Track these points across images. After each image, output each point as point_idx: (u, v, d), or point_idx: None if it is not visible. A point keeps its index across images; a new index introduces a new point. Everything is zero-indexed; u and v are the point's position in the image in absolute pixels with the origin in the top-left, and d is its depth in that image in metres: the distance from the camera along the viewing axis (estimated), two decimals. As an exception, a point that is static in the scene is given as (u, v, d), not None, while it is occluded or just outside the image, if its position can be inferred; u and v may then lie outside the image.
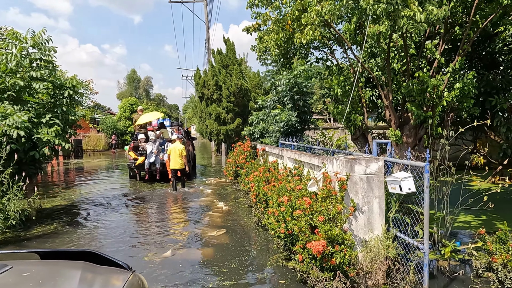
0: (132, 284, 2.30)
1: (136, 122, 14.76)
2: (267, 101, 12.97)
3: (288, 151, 8.36)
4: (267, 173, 8.64)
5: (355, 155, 5.51)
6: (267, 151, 10.89)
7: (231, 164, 13.27)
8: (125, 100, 43.73)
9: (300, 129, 12.35)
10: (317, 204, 5.17)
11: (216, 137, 15.71)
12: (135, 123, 14.83)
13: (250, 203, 9.84)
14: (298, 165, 7.54)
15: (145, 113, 15.76)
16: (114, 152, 33.54)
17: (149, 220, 8.72)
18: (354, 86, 5.19)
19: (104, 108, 74.88)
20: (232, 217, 8.81)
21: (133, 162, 13.98)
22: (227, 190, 12.64)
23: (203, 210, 9.63)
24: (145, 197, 11.49)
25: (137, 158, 13.90)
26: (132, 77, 64.63)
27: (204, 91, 15.86)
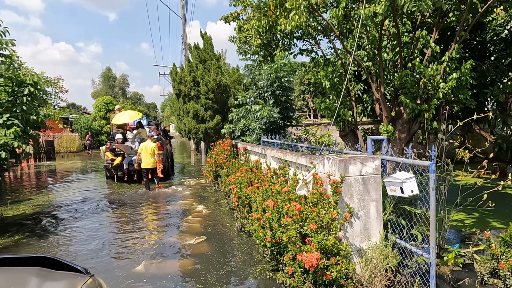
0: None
1: (113, 121, 14.31)
2: (247, 97, 12.38)
3: (271, 150, 7.79)
4: (250, 173, 8.04)
5: (348, 154, 4.97)
6: (249, 149, 10.29)
7: (210, 164, 12.61)
8: (100, 99, 42.27)
9: (282, 126, 11.82)
10: (307, 209, 4.61)
11: (194, 135, 15.01)
12: (112, 122, 14.41)
13: (232, 205, 9.23)
14: (283, 165, 6.98)
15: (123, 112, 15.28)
16: (89, 153, 32.26)
17: (123, 227, 7.99)
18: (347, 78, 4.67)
19: (80, 107, 72.59)
20: (213, 222, 8.18)
21: (110, 163, 13.56)
22: (207, 191, 11.98)
23: (181, 215, 8.96)
24: (120, 200, 10.71)
25: (114, 159, 13.48)
26: (107, 75, 62.67)
27: (181, 88, 15.11)
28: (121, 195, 11.59)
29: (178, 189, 12.50)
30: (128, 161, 13.42)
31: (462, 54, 6.07)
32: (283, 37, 6.84)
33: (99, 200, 10.88)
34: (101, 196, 11.52)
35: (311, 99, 46.89)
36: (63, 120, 39.66)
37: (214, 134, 14.25)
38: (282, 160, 7.07)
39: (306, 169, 5.97)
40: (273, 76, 11.52)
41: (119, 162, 13.42)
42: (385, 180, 4.30)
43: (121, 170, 13.61)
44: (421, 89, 5.56)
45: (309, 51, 7.25)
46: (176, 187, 12.97)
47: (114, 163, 13.40)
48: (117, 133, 13.83)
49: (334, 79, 5.94)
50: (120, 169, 13.56)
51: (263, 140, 10.77)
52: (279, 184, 6.48)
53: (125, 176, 13.53)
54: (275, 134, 11.24)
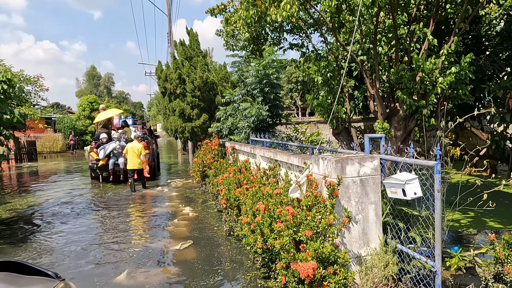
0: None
1: (95, 120, 14.17)
2: (235, 95, 12.01)
3: (261, 149, 7.44)
4: (238, 174, 7.68)
5: (344, 153, 4.65)
6: (237, 149, 9.93)
7: (198, 164, 12.20)
8: (84, 98, 41.30)
9: (271, 124, 11.51)
10: (301, 213, 4.28)
11: (181, 135, 14.57)
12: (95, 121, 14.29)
13: (220, 207, 8.86)
14: (274, 165, 6.64)
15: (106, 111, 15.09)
16: (73, 153, 31.44)
17: (105, 231, 7.55)
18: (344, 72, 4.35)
19: (64, 107, 71.10)
20: (200, 225, 7.80)
21: (95, 163, 13.38)
22: (195, 192, 11.58)
23: (167, 218, 8.55)
24: (103, 202, 10.24)
25: (99, 159, 13.24)
26: (91, 73, 61.35)
27: (167, 86, 14.63)
28: (105, 197, 11.11)
29: (165, 190, 12.07)
30: (113, 162, 13.17)
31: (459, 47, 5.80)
32: (272, 30, 6.49)
33: (81, 203, 10.39)
34: (84, 198, 11.02)
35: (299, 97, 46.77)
36: (45, 120, 38.69)
37: (201, 133, 13.84)
38: (272, 160, 6.73)
39: (298, 170, 5.64)
40: (262, 72, 11.18)
41: (105, 163, 13.22)
42: (385, 181, 3.99)
43: (107, 171, 13.39)
44: (419, 84, 5.27)
45: (299, 45, 6.91)
46: (162, 188, 12.54)
47: (100, 163, 13.18)
48: (101, 133, 13.63)
49: (327, 74, 5.62)
50: (106, 169, 13.34)
51: (252, 139, 10.43)
52: (270, 185, 6.14)
53: (111, 177, 13.36)
54: (264, 133, 10.91)
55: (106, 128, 14.26)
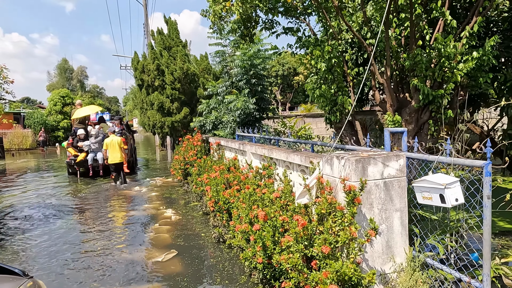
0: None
1: (73, 116, 13.97)
2: (218, 87, 11.19)
3: (252, 146, 6.69)
4: (227, 173, 6.91)
5: (359, 150, 3.95)
6: (223, 145, 9.14)
7: (179, 161, 11.34)
8: (55, 92, 39.40)
9: (258, 118, 10.75)
10: (312, 224, 3.57)
11: (160, 130, 13.64)
12: (73, 117, 14.17)
13: (205, 209, 8.07)
14: (268, 163, 5.91)
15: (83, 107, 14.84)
16: (43, 150, 29.76)
17: (77, 239, 6.63)
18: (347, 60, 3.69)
19: (35, 102, 68.10)
20: (185, 231, 6.99)
21: (73, 159, 13.30)
22: (176, 192, 10.72)
23: (147, 222, 7.70)
24: (76, 205, 9.26)
25: (77, 155, 13.23)
26: (63, 67, 58.69)
27: (144, 77, 13.64)
28: (78, 198, 10.12)
29: (143, 190, 11.16)
30: (92, 157, 13.09)
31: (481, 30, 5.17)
32: (265, 11, 5.71)
33: (52, 205, 9.37)
34: (55, 200, 9.98)
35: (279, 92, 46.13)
36: (14, 115, 36.67)
37: (182, 128, 12.95)
38: (266, 158, 5.99)
39: (299, 169, 4.92)
40: (248, 63, 10.40)
41: (83, 158, 13.10)
42: (416, 184, 3.31)
43: (85, 166, 13.24)
44: (437, 71, 4.63)
45: (294, 30, 6.17)
46: (141, 187, 11.62)
47: (78, 159, 13.06)
48: (79, 129, 13.54)
49: (331, 60, 4.92)
50: (84, 165, 13.20)
51: (238, 134, 9.66)
52: (266, 187, 5.40)
53: (90, 172, 13.20)
54: (250, 127, 10.16)
55: (83, 124, 14.03)
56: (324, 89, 5.12)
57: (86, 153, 13.23)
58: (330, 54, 4.87)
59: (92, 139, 13.29)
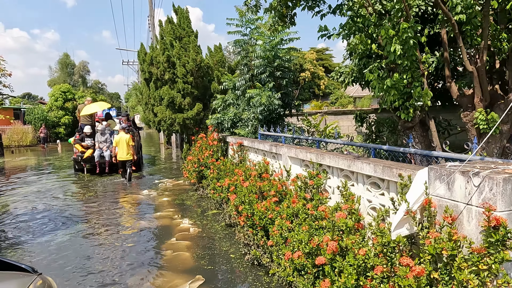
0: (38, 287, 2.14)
1: (81, 113, 13.83)
2: (236, 80, 10.06)
3: (291, 148, 5.57)
4: (260, 181, 5.81)
5: (494, 163, 2.83)
6: (246, 146, 8.04)
7: (192, 162, 10.25)
8: (56, 87, 38.29)
9: (281, 116, 9.64)
10: (424, 268, 2.46)
11: (169, 127, 12.55)
12: (79, 114, 14.09)
13: (228, 220, 6.99)
14: (317, 171, 4.81)
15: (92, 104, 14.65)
16: (44, 147, 28.68)
17: (78, 260, 5.55)
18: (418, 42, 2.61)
19: (36, 98, 67.00)
20: (208, 248, 5.90)
21: (80, 155, 13.21)
22: (190, 197, 9.63)
23: (161, 236, 6.62)
24: (79, 213, 8.18)
25: (84, 151, 13.15)
26: (65, 62, 57.45)
27: (152, 70, 12.52)
28: (81, 205, 9.03)
29: (152, 194, 10.08)
30: (99, 154, 13.06)
31: None
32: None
33: (51, 212, 8.29)
34: (56, 205, 8.90)
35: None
36: (14, 111, 35.65)
37: (194, 126, 11.85)
38: (314, 164, 4.88)
39: (368, 182, 3.82)
40: (272, 53, 9.28)
41: (90, 155, 13.02)
42: None
43: (92, 163, 13.16)
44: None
45: (347, 7, 5.04)
46: (150, 191, 10.53)
47: (85, 156, 12.97)
48: (85, 125, 13.46)
49: (410, 40, 3.81)
50: (91, 161, 13.13)
51: (261, 133, 8.56)
52: (322, 203, 4.31)
53: (97, 169, 13.20)
54: (274, 125, 9.06)
55: (90, 120, 13.94)
56: (396, 79, 4.02)
57: (93, 149, 13.10)
58: (408, 33, 3.77)
59: (98, 136, 13.22)
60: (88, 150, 13.22)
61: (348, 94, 52.11)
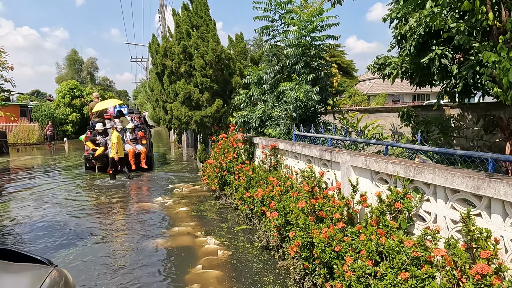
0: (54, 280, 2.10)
1: (94, 109, 13.51)
2: (264, 73, 8.74)
3: (357, 156, 4.23)
4: (312, 199, 4.50)
5: None
6: (282, 149, 6.73)
7: (213, 166, 8.98)
8: (63, 84, 37.32)
9: (317, 113, 8.33)
10: None
11: (185, 125, 11.31)
12: (91, 111, 13.73)
13: (265, 242, 5.69)
14: (405, 189, 3.48)
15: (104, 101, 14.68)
16: (51, 145, 27.62)
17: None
18: None
19: (45, 95, 66.27)
20: (245, 283, 4.61)
21: (92, 153, 12.97)
22: (211, 208, 8.35)
23: (183, 261, 5.34)
24: (86, 229, 6.95)
25: (95, 149, 12.88)
26: (73, 58, 56.47)
27: (166, 63, 11.26)
28: (86, 217, 7.81)
29: (168, 202, 8.83)
30: None
31: None
32: None
33: (54, 227, 7.07)
34: (58, 220, 7.69)
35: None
36: (20, 108, 34.75)
37: (213, 124, 10.58)
38: (400, 180, 3.55)
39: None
40: (308, 40, 7.97)
41: (102, 153, 12.71)
42: None
43: (103, 161, 12.88)
44: None
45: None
46: (164, 198, 9.29)
47: (96, 154, 12.72)
48: (97, 122, 13.21)
49: None
50: (102, 159, 12.84)
51: (297, 133, 7.26)
52: (435, 241, 3.01)
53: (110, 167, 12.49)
54: (309, 124, 7.77)
55: (101, 117, 13.73)
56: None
57: (105, 147, 12.74)
58: None
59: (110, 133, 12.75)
60: (100, 148, 12.88)
61: (361, 92, 50.60)
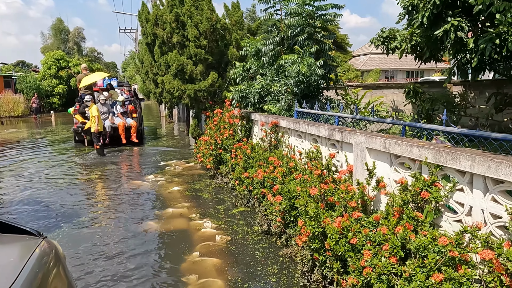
0: (44, 251, 2.05)
1: (81, 84, 12.93)
2: (262, 44, 8.16)
3: (374, 137, 3.80)
4: (323, 183, 4.09)
5: None
6: (284, 127, 6.27)
7: (208, 143, 8.52)
8: (49, 54, 35.91)
9: (320, 89, 7.85)
10: None
11: (177, 100, 10.74)
12: (79, 84, 13.16)
13: (265, 226, 5.32)
14: (433, 177, 3.08)
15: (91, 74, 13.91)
16: (37, 118, 26.71)
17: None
18: None
19: (30, 66, 64.12)
20: (247, 272, 4.25)
21: (81, 126, 12.59)
22: (206, 187, 7.95)
23: (178, 248, 4.95)
24: (73, 209, 6.50)
25: (85, 122, 12.46)
26: (58, 27, 54.23)
27: (158, 32, 10.54)
28: (74, 195, 7.34)
29: (160, 181, 8.40)
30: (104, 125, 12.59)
31: None
32: None
33: (37, 208, 6.60)
34: (43, 199, 7.21)
35: None
36: (4, 79, 33.49)
37: (207, 99, 10.03)
38: (427, 166, 3.13)
39: None
40: (312, 9, 7.39)
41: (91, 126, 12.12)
42: None
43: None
44: None
45: None
46: (155, 175, 8.84)
47: (86, 127, 12.18)
48: (86, 95, 12.68)
49: None
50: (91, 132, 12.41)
51: (298, 110, 6.81)
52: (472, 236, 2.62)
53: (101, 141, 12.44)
54: (311, 101, 7.32)
55: (90, 90, 13.10)
56: None
57: None
58: None
59: (100, 106, 12.66)
60: (89, 121, 12.38)
61: (355, 68, 49.87)
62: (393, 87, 10.94)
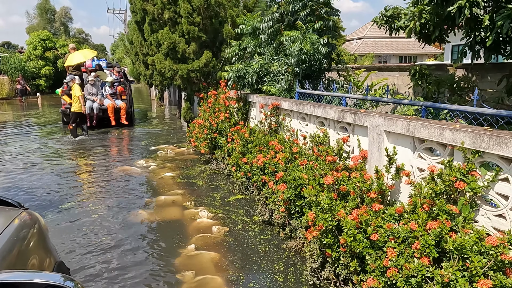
0: (24, 222, 2.08)
1: (67, 62, 12.60)
2: (260, 21, 7.63)
3: (394, 119, 3.36)
4: (334, 171, 3.66)
5: None
6: (286, 109, 5.80)
7: (202, 127, 8.03)
8: (34, 34, 34.59)
9: (323, 69, 7.37)
10: None
11: (168, 81, 10.17)
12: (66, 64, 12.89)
13: (266, 216, 4.90)
14: (469, 165, 2.67)
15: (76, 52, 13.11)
16: (22, 101, 25.75)
17: None
18: None
19: (16, 47, 62.16)
20: (249, 268, 3.84)
21: (69, 107, 11.87)
22: (200, 173, 7.49)
23: (172, 240, 4.52)
24: (58, 196, 6.01)
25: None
26: (44, 7, 52.26)
27: (148, 8, 9.87)
28: (59, 180, 6.84)
29: (151, 166, 7.92)
30: (89, 106, 12.19)
31: None
32: None
33: (20, 194, 6.09)
34: (26, 185, 6.69)
35: None
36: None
37: (201, 80, 9.49)
38: (464, 152, 2.71)
39: None
40: (316, -18, 6.86)
41: None
42: None
43: None
44: None
45: None
46: (146, 160, 8.36)
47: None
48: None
49: None
50: None
51: (300, 91, 6.35)
52: None
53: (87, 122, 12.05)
54: (313, 82, 6.87)
55: (78, 70, 12.62)
56: None
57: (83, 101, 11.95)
58: None
59: (89, 87, 12.41)
60: None
61: (348, 52, 49.23)
62: (393, 70, 10.50)
